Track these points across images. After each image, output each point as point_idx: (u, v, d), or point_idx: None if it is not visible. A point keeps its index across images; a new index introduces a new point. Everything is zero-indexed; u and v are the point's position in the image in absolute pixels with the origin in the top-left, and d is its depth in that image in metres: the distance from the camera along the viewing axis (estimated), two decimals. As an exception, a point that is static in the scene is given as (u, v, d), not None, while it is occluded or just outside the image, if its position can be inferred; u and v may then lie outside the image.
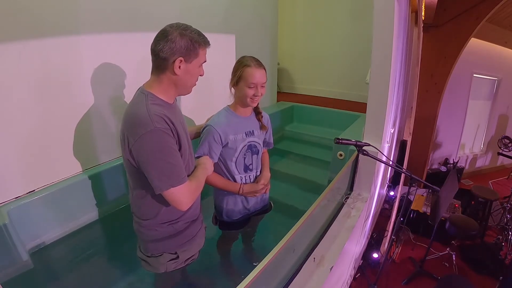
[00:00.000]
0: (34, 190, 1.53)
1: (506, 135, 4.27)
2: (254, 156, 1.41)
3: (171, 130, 0.95)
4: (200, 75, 1.05)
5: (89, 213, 1.73)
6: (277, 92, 3.91)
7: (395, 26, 1.61)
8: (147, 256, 1.15)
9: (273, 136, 1.56)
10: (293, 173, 2.79)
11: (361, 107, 3.06)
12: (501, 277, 2.39)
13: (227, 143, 1.31)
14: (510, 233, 2.90)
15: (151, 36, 0.98)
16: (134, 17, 1.79)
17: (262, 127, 1.41)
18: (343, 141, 1.42)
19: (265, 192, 1.46)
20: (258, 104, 1.37)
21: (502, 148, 4.13)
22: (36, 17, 1.38)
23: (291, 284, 1.20)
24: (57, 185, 1.60)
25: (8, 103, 1.36)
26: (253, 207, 1.51)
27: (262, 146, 1.45)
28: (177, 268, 1.19)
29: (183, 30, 0.95)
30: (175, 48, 0.93)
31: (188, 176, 1.07)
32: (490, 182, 4.82)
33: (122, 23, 1.74)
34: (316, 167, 2.99)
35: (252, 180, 1.44)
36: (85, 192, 1.70)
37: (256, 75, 1.23)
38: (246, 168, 1.41)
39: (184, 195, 0.98)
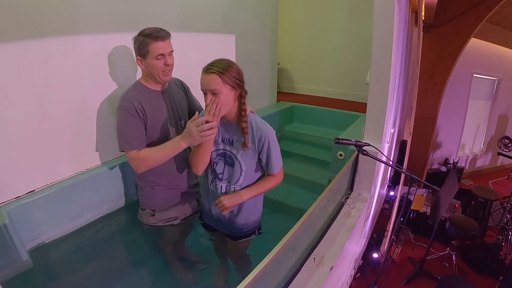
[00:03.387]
0: (34, 190, 1.53)
1: (506, 135, 4.27)
2: (228, 168, 1.27)
3: (136, 110, 1.28)
4: (166, 65, 1.29)
5: (89, 213, 1.73)
6: (277, 92, 3.91)
7: (395, 26, 1.61)
8: (140, 208, 1.52)
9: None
10: (293, 173, 2.78)
11: (361, 107, 3.05)
12: (501, 277, 2.38)
13: None
14: (510, 233, 2.90)
15: (151, 36, 0.98)
16: (135, 17, 1.79)
17: (243, 143, 1.21)
18: (343, 141, 1.42)
19: (218, 206, 1.25)
20: (246, 117, 1.19)
21: (502, 148, 4.13)
22: (36, 17, 1.38)
23: (291, 284, 1.20)
24: (57, 185, 1.60)
25: (8, 103, 1.36)
26: (216, 221, 1.40)
27: (243, 163, 1.24)
28: (156, 225, 1.49)
29: (137, 35, 1.27)
30: (134, 51, 1.32)
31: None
32: (490, 182, 4.81)
33: (122, 23, 1.74)
34: (316, 167, 2.99)
35: (221, 190, 1.30)
36: (85, 192, 1.70)
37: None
38: (216, 175, 1.30)
39: (131, 159, 1.30)
